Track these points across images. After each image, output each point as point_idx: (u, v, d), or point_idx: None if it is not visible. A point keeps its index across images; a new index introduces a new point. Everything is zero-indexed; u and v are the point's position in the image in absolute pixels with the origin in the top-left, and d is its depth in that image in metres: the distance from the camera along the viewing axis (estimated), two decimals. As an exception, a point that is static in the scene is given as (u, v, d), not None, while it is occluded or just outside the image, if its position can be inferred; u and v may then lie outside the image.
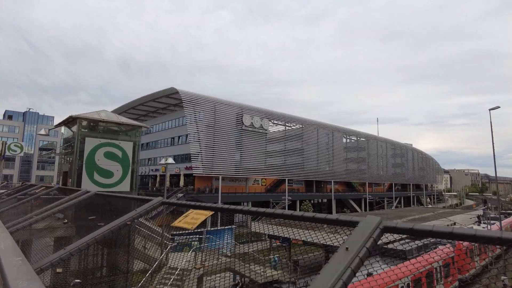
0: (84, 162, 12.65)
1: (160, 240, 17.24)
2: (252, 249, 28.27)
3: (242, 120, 47.13)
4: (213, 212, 2.57)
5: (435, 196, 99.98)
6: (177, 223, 2.52)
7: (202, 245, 21.29)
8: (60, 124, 14.08)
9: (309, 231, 2.30)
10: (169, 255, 16.20)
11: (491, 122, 27.47)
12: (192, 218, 2.54)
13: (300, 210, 49.95)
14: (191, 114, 43.15)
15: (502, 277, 23.85)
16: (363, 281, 1.84)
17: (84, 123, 13.06)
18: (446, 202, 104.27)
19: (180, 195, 41.01)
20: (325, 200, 62.98)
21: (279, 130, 54.19)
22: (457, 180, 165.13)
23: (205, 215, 2.46)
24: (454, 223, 32.23)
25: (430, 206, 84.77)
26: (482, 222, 36.06)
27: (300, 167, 55.10)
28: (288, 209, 45.57)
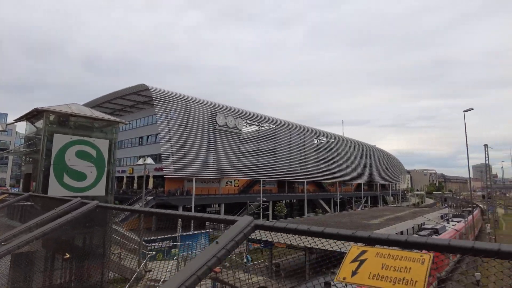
0: (52, 163, 10.84)
1: (135, 248, 15.73)
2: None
3: (215, 119, 45.72)
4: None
5: (400, 195, 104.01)
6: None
7: (184, 252, 19.81)
8: (21, 119, 12.04)
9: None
10: (148, 264, 14.74)
11: (465, 124, 28.41)
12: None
13: (274, 211, 49.59)
14: (162, 113, 41.09)
15: (476, 273, 24.65)
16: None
17: (52, 117, 11.21)
18: (409, 201, 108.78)
19: (150, 198, 38.82)
20: (295, 201, 62.97)
21: (252, 130, 53.36)
22: (417, 179, 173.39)
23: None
24: (440, 221, 33.13)
25: (394, 205, 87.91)
26: (450, 220, 37.31)
27: (273, 168, 54.60)
28: (263, 210, 44.92)
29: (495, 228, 45.61)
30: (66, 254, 3.75)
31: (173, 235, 27.47)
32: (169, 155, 41.08)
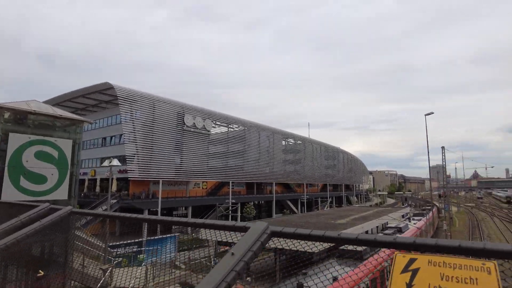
0: (6, 164, 9.81)
1: (99, 254, 14.82)
2: (196, 256, 26.51)
3: (183, 120, 44.71)
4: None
5: (363, 196, 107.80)
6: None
7: (153, 258, 19.01)
8: (-30, 117, 10.87)
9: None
10: (114, 272, 13.92)
11: (426, 127, 29.93)
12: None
13: (242, 213, 49.36)
14: (127, 112, 39.51)
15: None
16: (329, 287, 1.94)
17: (7, 115, 10.15)
18: (372, 201, 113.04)
19: (113, 201, 37.13)
20: (262, 202, 63.15)
21: (221, 132, 52.84)
22: (379, 180, 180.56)
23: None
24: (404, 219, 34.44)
25: (358, 205, 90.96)
26: (411, 219, 39.10)
27: (242, 169, 54.42)
28: (232, 212, 44.51)
29: (450, 225, 48.38)
30: (40, 271, 3.30)
31: (138, 240, 26.43)
32: (134, 156, 39.59)
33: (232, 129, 54.85)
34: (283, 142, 67.69)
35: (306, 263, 18.63)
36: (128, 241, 24.71)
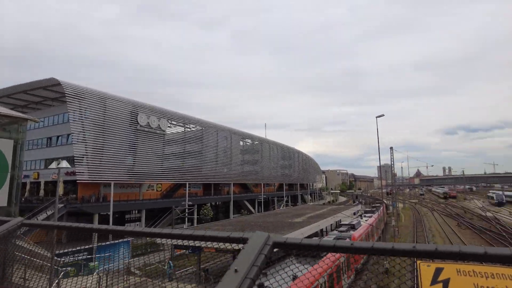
0: None
1: (45, 264, 13.62)
2: (152, 261, 25.58)
3: (137, 119, 42.88)
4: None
5: (317, 194, 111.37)
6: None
7: (106, 265, 17.92)
8: None
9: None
10: (61, 282, 12.84)
11: (377, 128, 31.61)
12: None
13: (200, 215, 48.52)
14: (75, 111, 37.00)
15: (385, 262, 27.43)
16: (292, 285, 1.96)
17: None
18: (325, 199, 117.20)
19: (61, 205, 34.57)
20: (219, 203, 62.62)
21: (178, 132, 51.48)
22: (331, 179, 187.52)
23: None
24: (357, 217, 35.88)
25: (312, 203, 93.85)
26: (362, 216, 41.08)
27: (199, 170, 53.52)
28: (189, 214, 43.51)
29: (398, 221, 51.63)
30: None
31: (88, 246, 24.86)
32: (83, 157, 37.21)
33: (188, 129, 53.75)
34: (241, 143, 67.79)
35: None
36: (77, 248, 23.15)
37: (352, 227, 29.13)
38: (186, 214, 41.60)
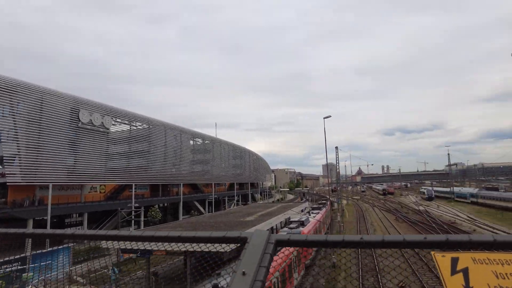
0: None
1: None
2: (97, 266, 24.05)
3: (78, 116, 39.90)
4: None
5: (267, 193, 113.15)
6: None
7: (43, 275, 16.29)
8: None
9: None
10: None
11: (325, 129, 32.82)
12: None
13: (147, 217, 46.61)
14: (5, 105, 33.37)
15: (332, 256, 28.70)
16: None
17: None
18: (274, 197, 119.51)
19: (-14, 211, 31.01)
20: (167, 204, 60.78)
21: (123, 130, 48.82)
22: (280, 177, 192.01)
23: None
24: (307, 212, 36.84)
25: (262, 202, 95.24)
26: (310, 212, 42.56)
27: (146, 171, 51.35)
28: (135, 216, 41.58)
29: (342, 217, 54.32)
30: None
31: (21, 256, 22.55)
32: (15, 157, 33.73)
33: (135, 128, 51.34)
34: (191, 142, 66.36)
35: (218, 264, 18.58)
36: (6, 259, 20.88)
37: (302, 223, 29.93)
38: (133, 217, 39.63)
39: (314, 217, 36.84)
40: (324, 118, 34.82)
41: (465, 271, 1.29)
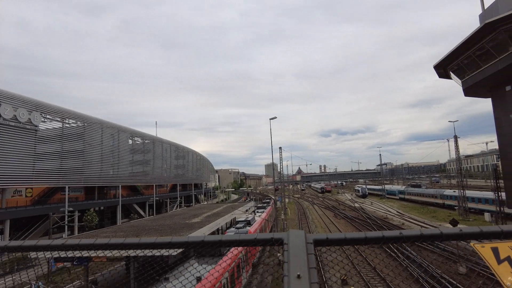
0: None
1: None
2: (25, 279, 21.78)
3: (-1, 111, 35.51)
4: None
5: (210, 193, 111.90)
6: None
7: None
8: None
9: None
10: None
11: (271, 129, 33.48)
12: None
13: (83, 221, 43.17)
14: None
15: (278, 254, 29.34)
16: (198, 286, 2.72)
17: None
18: (218, 198, 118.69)
19: None
20: (103, 208, 56.91)
21: (54, 128, 44.49)
22: (223, 178, 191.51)
23: None
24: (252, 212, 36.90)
25: (205, 203, 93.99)
26: (256, 212, 43.07)
27: (81, 172, 47.48)
28: (69, 222, 38.18)
29: (285, 214, 55.86)
30: None
31: None
32: None
33: (68, 125, 47.17)
34: (130, 141, 62.96)
35: (165, 268, 17.84)
36: None
37: (248, 223, 30.13)
38: (66, 222, 36.36)
39: (259, 216, 37.33)
40: (270, 119, 35.55)
41: (509, 260, 1.34)
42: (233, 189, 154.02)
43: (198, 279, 13.07)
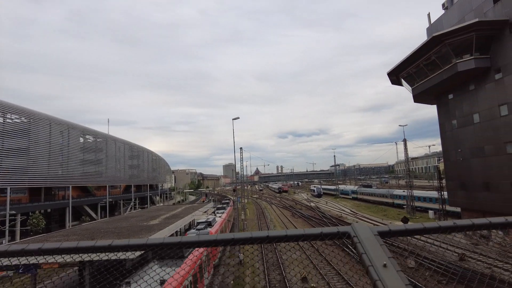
0: None
1: None
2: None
3: None
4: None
5: (166, 195, 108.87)
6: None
7: None
8: None
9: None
10: None
11: (233, 129, 33.41)
12: None
13: (26, 226, 39.81)
14: None
15: (240, 254, 29.35)
16: None
17: None
18: (175, 199, 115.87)
19: None
20: (49, 210, 52.96)
21: (-7, 123, 40.56)
22: (180, 178, 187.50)
23: None
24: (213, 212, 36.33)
25: (161, 204, 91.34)
26: (216, 212, 42.68)
27: (25, 172, 43.78)
28: (10, 226, 35.05)
29: (245, 215, 56.07)
30: None
31: None
32: None
33: (10, 121, 43.31)
34: (81, 139, 59.31)
35: (123, 272, 17.02)
36: None
37: (209, 224, 29.84)
38: (7, 226, 33.31)
39: (220, 216, 37.09)
40: (233, 119, 35.42)
41: None
42: (192, 190, 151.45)
43: (162, 282, 12.67)
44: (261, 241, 1.54)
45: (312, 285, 21.98)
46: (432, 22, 36.56)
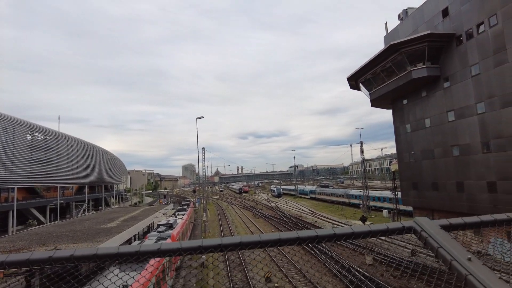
0: None
1: None
2: None
3: None
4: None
5: (122, 196, 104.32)
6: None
7: None
8: None
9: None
10: None
11: (197, 129, 32.76)
12: None
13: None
14: None
15: (202, 256, 28.92)
16: None
17: None
18: (131, 200, 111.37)
19: None
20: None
21: None
22: (136, 179, 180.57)
23: None
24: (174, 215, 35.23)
25: (116, 206, 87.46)
26: (176, 214, 41.74)
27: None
28: None
29: (207, 216, 55.31)
30: None
31: None
32: None
33: None
34: (29, 137, 54.97)
35: (79, 279, 16.05)
36: None
37: (170, 226, 29.19)
38: None
39: (181, 218, 36.34)
40: (196, 118, 34.82)
41: None
42: (149, 191, 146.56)
43: (124, 287, 12.10)
44: (268, 245, 1.50)
45: (276, 284, 22.20)
46: (389, 31, 38.68)
